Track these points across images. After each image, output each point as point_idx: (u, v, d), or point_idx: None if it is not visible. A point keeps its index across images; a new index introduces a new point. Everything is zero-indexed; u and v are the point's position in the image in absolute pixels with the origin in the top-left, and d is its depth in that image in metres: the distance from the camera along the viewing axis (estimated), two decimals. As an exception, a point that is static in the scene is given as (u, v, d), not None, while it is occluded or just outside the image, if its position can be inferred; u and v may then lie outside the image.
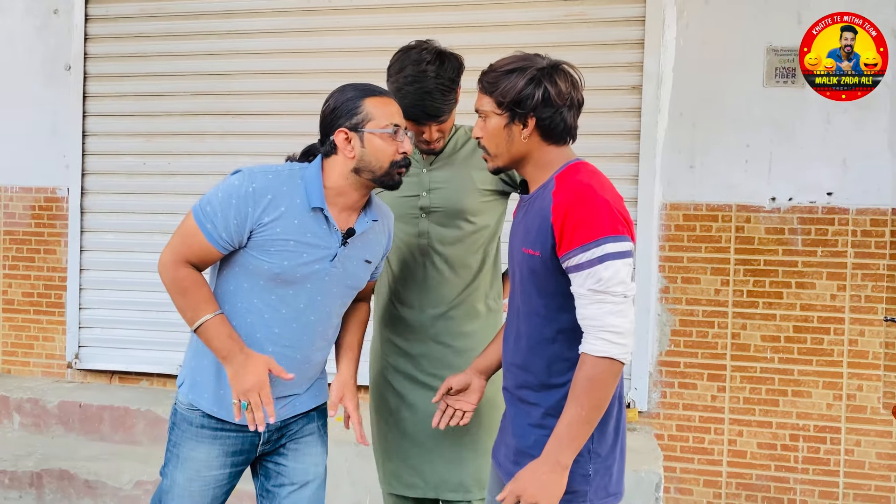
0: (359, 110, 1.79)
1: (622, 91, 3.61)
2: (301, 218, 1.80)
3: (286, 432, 1.97)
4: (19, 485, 3.52)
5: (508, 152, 1.65)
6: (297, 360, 1.89)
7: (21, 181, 4.39)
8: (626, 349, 1.51)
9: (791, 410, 3.48)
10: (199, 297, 1.80)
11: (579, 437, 1.51)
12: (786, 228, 3.49)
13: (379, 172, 1.80)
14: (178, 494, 1.91)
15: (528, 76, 1.59)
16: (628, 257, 1.53)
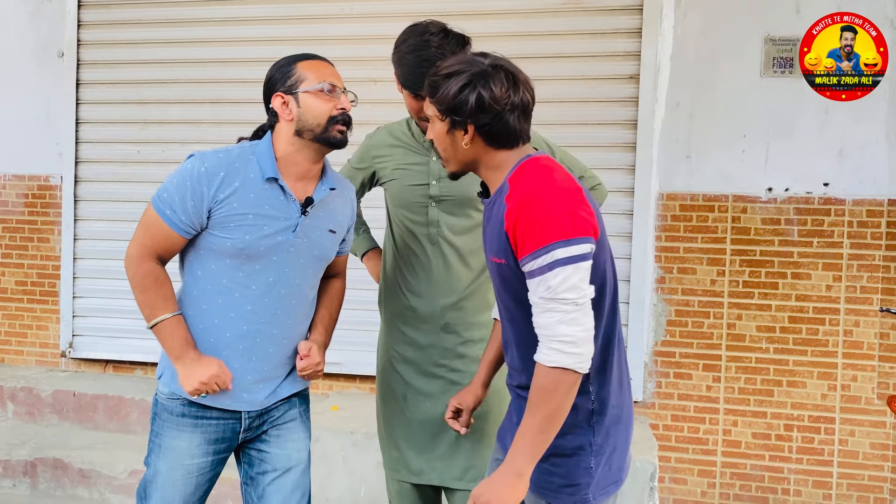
0: (292, 73, 1.85)
1: (619, 80, 3.60)
2: (257, 191, 1.82)
3: (267, 419, 1.97)
4: (13, 473, 3.52)
5: (456, 157, 1.61)
6: (274, 336, 1.90)
7: (14, 169, 4.36)
8: (580, 358, 1.46)
9: (786, 401, 3.49)
10: (159, 296, 1.82)
11: (536, 447, 1.48)
12: (782, 219, 3.49)
13: (318, 130, 1.83)
14: (161, 484, 1.90)
15: (462, 81, 1.52)
16: (582, 261, 1.46)
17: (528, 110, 1.57)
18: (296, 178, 1.87)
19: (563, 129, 3.62)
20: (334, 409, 3.59)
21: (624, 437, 1.67)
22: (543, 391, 1.47)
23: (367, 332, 3.75)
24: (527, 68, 3.84)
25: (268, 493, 1.96)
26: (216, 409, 1.89)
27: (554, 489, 1.61)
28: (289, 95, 1.85)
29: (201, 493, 1.96)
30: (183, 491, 1.91)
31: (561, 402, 1.47)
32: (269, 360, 1.91)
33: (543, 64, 3.65)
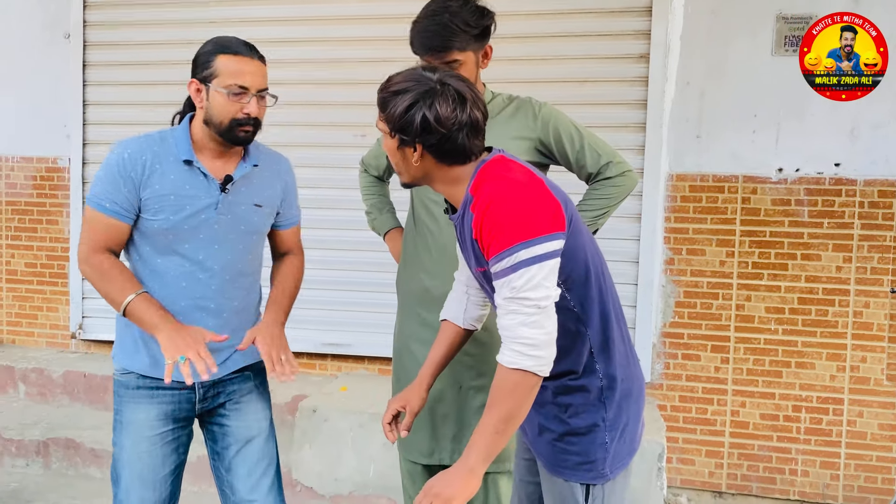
0: (210, 64, 1.86)
1: (629, 60, 3.56)
2: (176, 173, 1.88)
3: (223, 391, 2.02)
4: (26, 453, 3.56)
5: (408, 172, 1.59)
6: (212, 310, 1.95)
7: (22, 151, 4.37)
8: (540, 361, 1.45)
9: (794, 381, 3.48)
10: (122, 280, 1.86)
11: (491, 446, 1.49)
12: (792, 199, 3.46)
13: (221, 128, 1.86)
14: (128, 459, 1.95)
15: (408, 101, 1.49)
16: (546, 259, 1.45)
17: (477, 127, 1.53)
18: (215, 156, 1.93)
19: (571, 110, 3.54)
20: (343, 389, 3.61)
21: (636, 409, 1.69)
22: (502, 392, 1.47)
23: (375, 314, 3.76)
24: (535, 47, 3.82)
25: (234, 465, 2.02)
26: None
27: (571, 467, 1.63)
28: (202, 84, 1.88)
29: (172, 467, 1.99)
30: (150, 463, 1.95)
31: (519, 403, 1.48)
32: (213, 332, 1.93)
33: (552, 43, 3.62)
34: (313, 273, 3.87)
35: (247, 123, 1.87)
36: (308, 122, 3.91)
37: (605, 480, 1.63)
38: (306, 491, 3.28)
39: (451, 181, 1.58)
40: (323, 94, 3.86)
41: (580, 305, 1.60)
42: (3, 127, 4.37)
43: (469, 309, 1.84)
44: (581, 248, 1.57)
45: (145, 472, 1.95)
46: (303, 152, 3.85)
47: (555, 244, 1.47)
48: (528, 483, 1.84)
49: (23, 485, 3.36)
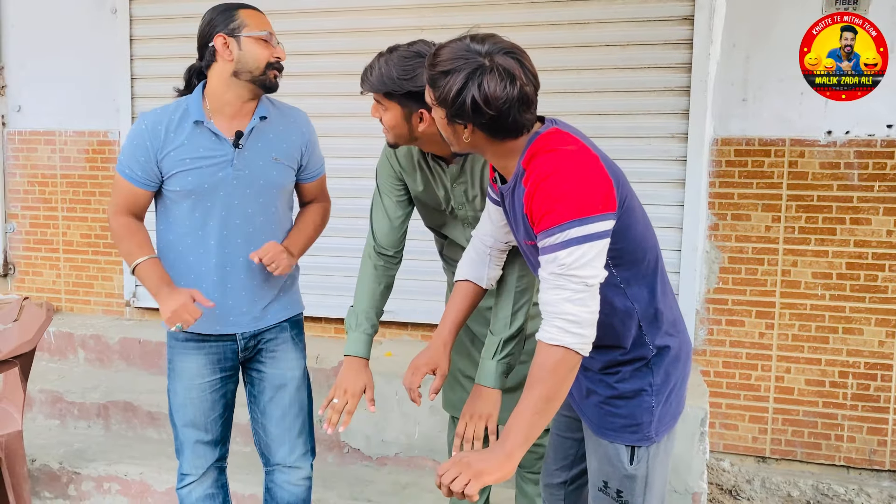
0: (235, 18, 2.02)
1: (672, 22, 3.50)
2: (189, 137, 2.03)
3: (261, 340, 2.21)
4: (87, 415, 3.72)
5: (459, 145, 1.57)
6: (242, 263, 2.11)
7: (74, 125, 4.49)
8: (582, 339, 1.43)
9: (841, 347, 3.44)
10: (135, 243, 2.07)
11: (531, 430, 1.44)
12: (841, 163, 3.39)
13: (256, 73, 2.01)
14: (181, 403, 2.18)
15: (458, 85, 1.44)
16: (597, 239, 1.42)
17: (528, 101, 1.48)
18: (230, 117, 2.05)
19: (615, 73, 3.56)
20: (388, 354, 3.68)
21: (682, 373, 1.71)
22: (543, 370, 1.44)
23: (418, 282, 3.81)
24: (578, 12, 3.76)
25: (268, 409, 2.23)
26: (213, 334, 2.15)
27: (616, 429, 1.66)
28: (231, 38, 2.00)
29: (220, 411, 2.22)
30: (201, 407, 2.17)
31: (560, 382, 1.44)
32: (244, 285, 2.14)
33: (594, 7, 3.57)
34: (359, 241, 3.94)
35: (278, 68, 2.04)
36: (348, 93, 3.93)
37: (651, 443, 1.65)
38: (354, 452, 3.38)
39: (503, 154, 1.56)
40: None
41: (628, 283, 1.60)
42: (56, 102, 4.50)
43: (491, 269, 1.88)
44: (633, 226, 1.57)
45: (197, 416, 2.18)
46: (345, 122, 3.89)
47: (606, 224, 1.44)
48: (565, 438, 1.88)
49: (86, 445, 3.52)
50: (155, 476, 3.21)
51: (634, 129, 3.56)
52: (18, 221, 4.66)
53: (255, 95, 2.07)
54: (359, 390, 2.01)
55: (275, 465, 2.29)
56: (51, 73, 4.48)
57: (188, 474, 2.23)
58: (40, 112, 4.55)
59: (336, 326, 4.15)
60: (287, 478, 2.29)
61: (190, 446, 2.21)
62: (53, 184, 4.57)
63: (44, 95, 4.53)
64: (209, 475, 2.24)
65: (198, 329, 2.11)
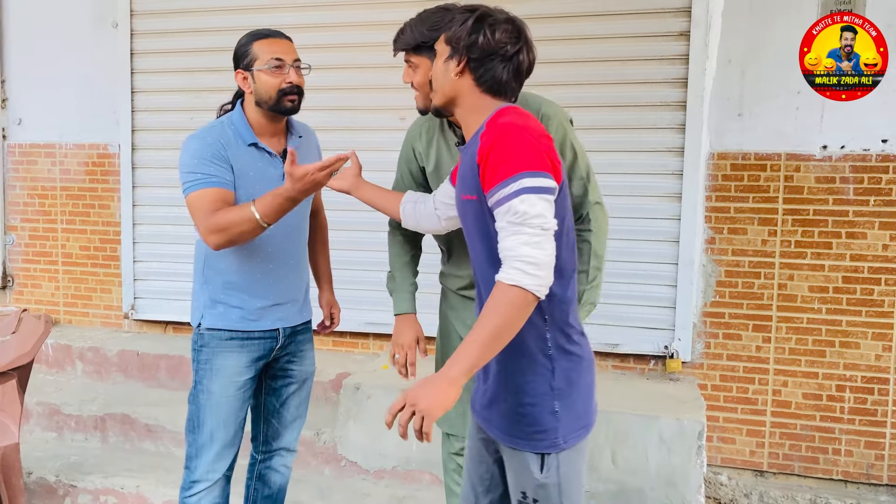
0: (248, 53, 2.16)
1: (669, 38, 3.53)
2: (247, 155, 2.16)
3: (294, 339, 2.36)
4: (85, 428, 3.72)
5: (442, 90, 1.70)
6: (291, 265, 2.30)
7: (74, 138, 4.52)
8: (539, 280, 1.48)
9: (838, 361, 3.45)
10: (238, 212, 2.03)
11: (474, 358, 1.49)
12: (837, 177, 3.41)
13: (271, 102, 2.15)
14: (216, 403, 2.22)
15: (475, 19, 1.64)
16: (547, 193, 1.52)
17: (520, 70, 1.66)
18: (270, 136, 2.23)
19: (612, 88, 3.58)
20: (385, 367, 3.68)
21: (587, 381, 1.72)
22: (496, 305, 1.49)
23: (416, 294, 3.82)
24: (575, 28, 3.80)
25: (290, 400, 2.40)
26: (258, 331, 2.25)
27: (524, 437, 1.66)
28: (246, 72, 2.17)
29: (244, 410, 2.30)
30: (234, 406, 2.24)
31: (511, 318, 1.48)
32: (292, 283, 2.32)
33: (591, 23, 3.60)
34: (357, 254, 3.97)
35: (291, 92, 2.15)
36: (347, 106, 3.96)
37: (559, 450, 1.65)
38: (351, 465, 3.38)
39: (476, 109, 1.67)
40: (361, 77, 3.91)
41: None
42: (56, 115, 4.53)
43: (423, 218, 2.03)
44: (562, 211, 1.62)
45: (229, 416, 2.24)
46: (343, 136, 3.91)
47: (553, 183, 1.54)
48: (479, 463, 1.84)
49: (83, 458, 3.51)
50: (152, 489, 3.20)
51: (631, 144, 3.58)
52: (18, 233, 4.67)
53: (280, 119, 2.23)
54: (412, 341, 2.24)
55: (276, 450, 2.44)
56: (52, 86, 4.51)
57: (200, 481, 2.24)
58: (41, 125, 4.58)
59: (334, 339, 4.15)
60: (284, 461, 2.46)
61: (215, 450, 2.23)
62: (53, 196, 4.59)
63: (44, 108, 4.56)
64: (219, 484, 2.28)
65: (249, 327, 2.23)
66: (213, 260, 2.23)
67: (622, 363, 3.74)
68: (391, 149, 2.75)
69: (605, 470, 3.11)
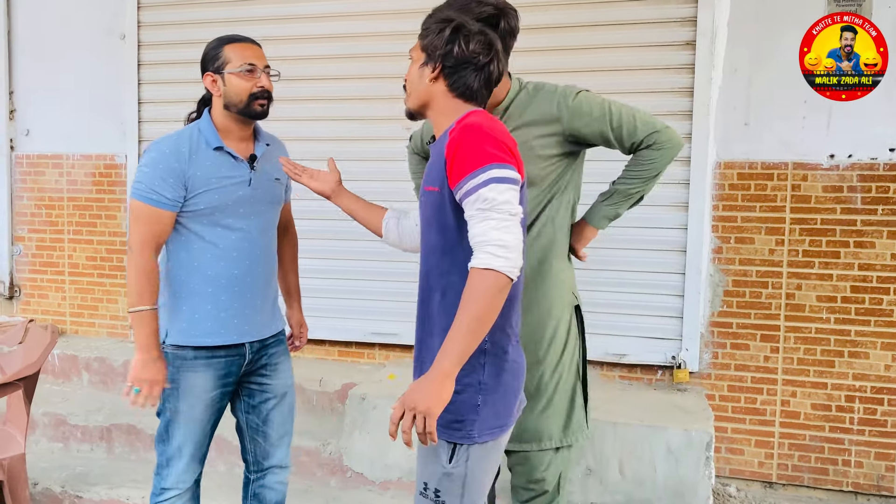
0: (219, 56, 2.18)
1: (675, 47, 3.53)
2: (211, 159, 2.15)
3: (265, 353, 2.32)
4: (90, 438, 3.72)
5: (417, 93, 1.77)
6: (260, 273, 2.26)
7: (81, 149, 4.54)
8: (510, 263, 1.53)
9: (847, 371, 3.42)
10: (150, 288, 2.12)
11: (463, 348, 1.53)
12: (844, 186, 3.39)
13: (241, 105, 2.16)
14: (183, 421, 2.21)
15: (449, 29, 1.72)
16: (513, 184, 1.59)
17: (490, 79, 1.75)
18: (237, 140, 2.22)
19: (617, 98, 3.57)
20: (391, 377, 3.67)
21: (515, 385, 1.76)
22: (474, 292, 1.53)
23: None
24: (579, 36, 3.82)
25: (271, 417, 2.36)
26: (223, 346, 2.21)
27: (444, 424, 1.69)
28: (216, 75, 2.18)
29: (213, 423, 2.30)
30: (202, 422, 2.24)
31: (490, 302, 1.53)
32: (260, 294, 2.28)
33: (597, 32, 3.61)
34: (361, 264, 3.97)
35: (262, 97, 2.17)
36: (354, 117, 3.97)
37: (472, 442, 1.69)
38: (356, 476, 3.36)
39: (448, 111, 1.74)
40: (367, 88, 3.92)
41: None
42: (64, 126, 4.55)
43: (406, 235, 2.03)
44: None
45: (197, 431, 2.23)
46: (348, 146, 3.92)
47: (517, 175, 1.61)
48: None
49: (88, 468, 3.51)
50: (157, 500, 3.19)
51: (637, 153, 3.57)
52: (25, 244, 4.69)
53: (249, 123, 2.24)
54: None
55: (269, 468, 2.41)
56: (59, 98, 4.54)
57: (171, 489, 2.26)
58: (48, 136, 4.60)
59: (339, 349, 4.15)
60: (279, 478, 2.43)
61: (184, 462, 2.24)
62: (60, 207, 4.61)
63: (52, 119, 4.58)
64: (190, 490, 2.30)
65: (214, 341, 2.19)
66: (175, 270, 2.21)
67: (629, 373, 3.73)
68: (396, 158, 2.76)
69: (612, 481, 3.09)
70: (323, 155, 2.48)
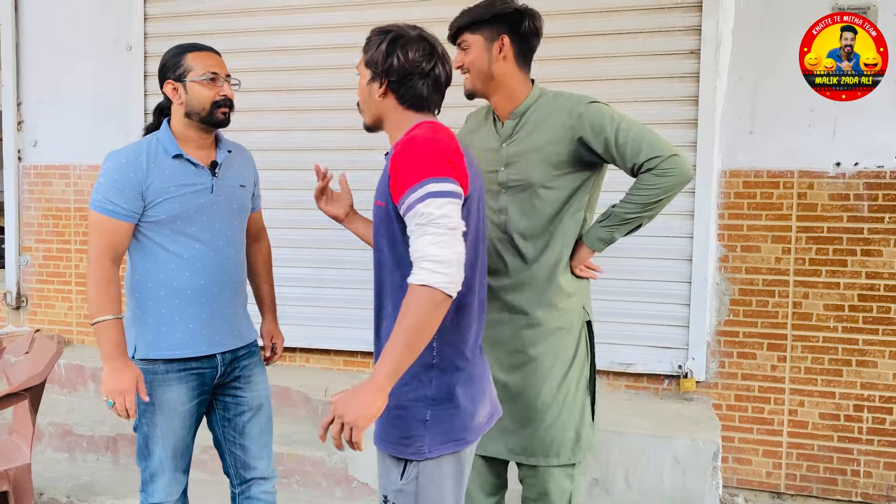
0: (181, 64, 2.14)
1: (679, 55, 3.54)
2: (170, 168, 2.13)
3: (237, 365, 2.29)
4: (96, 448, 3.72)
5: (370, 110, 1.76)
6: (227, 282, 2.23)
7: (88, 160, 4.56)
8: (447, 279, 1.50)
9: (855, 380, 3.40)
10: (109, 297, 2.08)
11: (399, 363, 1.52)
12: (851, 194, 3.38)
13: (203, 114, 2.14)
14: (162, 434, 2.18)
15: (387, 41, 1.70)
16: (452, 197, 1.55)
17: (438, 82, 1.72)
18: (197, 148, 2.19)
19: (622, 107, 3.53)
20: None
21: (469, 396, 1.71)
22: (409, 307, 1.51)
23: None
24: (585, 45, 3.82)
25: (248, 429, 2.33)
26: (194, 358, 2.18)
27: (394, 441, 1.67)
28: (178, 83, 2.14)
29: (193, 432, 2.28)
30: (181, 435, 2.22)
31: (425, 318, 1.51)
32: (228, 304, 2.24)
33: (602, 41, 3.61)
34: (367, 274, 3.94)
35: (224, 105, 2.15)
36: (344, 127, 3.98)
37: (423, 458, 1.65)
38: (362, 486, 3.35)
39: (399, 125, 1.73)
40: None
41: None
42: (71, 137, 4.58)
43: None
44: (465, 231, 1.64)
45: (178, 444, 2.21)
46: (345, 155, 3.93)
47: (458, 189, 1.58)
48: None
49: (94, 478, 3.51)
50: (162, 510, 3.19)
51: (642, 162, 3.57)
52: (32, 254, 4.71)
53: (210, 131, 2.21)
54: None
55: (252, 480, 2.37)
56: (66, 109, 4.57)
57: (162, 502, 2.24)
58: (55, 147, 4.63)
59: (345, 359, 4.15)
60: (264, 488, 2.40)
61: (169, 475, 2.22)
62: (67, 217, 4.63)
63: (59, 130, 4.61)
64: (179, 500, 2.28)
65: (184, 353, 2.16)
66: (141, 282, 2.17)
67: (635, 383, 3.71)
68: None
69: (618, 491, 3.07)
70: (335, 166, 2.48)
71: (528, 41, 2.12)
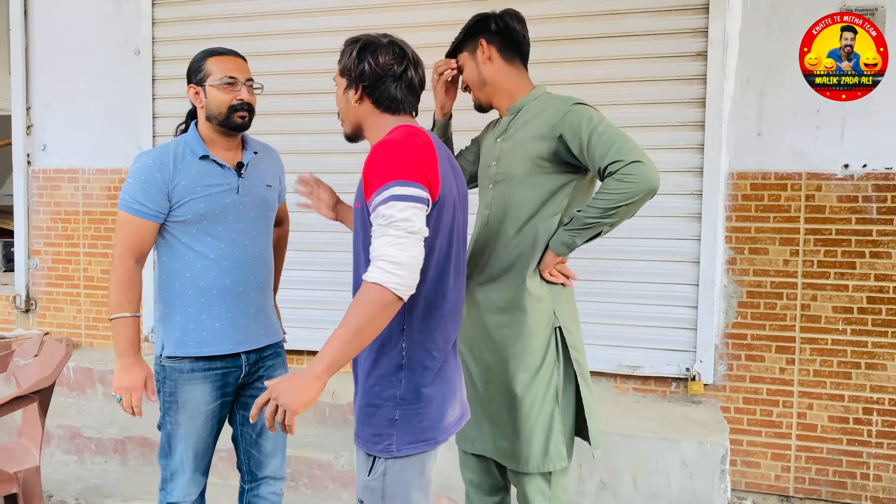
0: (202, 68, 2.19)
1: (686, 58, 3.53)
2: (197, 168, 2.17)
3: (262, 365, 2.31)
4: (105, 451, 3.73)
5: (348, 118, 1.80)
6: (252, 282, 2.25)
7: (96, 163, 4.58)
8: (399, 280, 1.52)
9: (864, 383, 3.38)
10: (129, 296, 2.14)
11: (338, 356, 1.55)
12: (859, 196, 3.37)
13: (221, 118, 2.18)
14: (185, 434, 2.21)
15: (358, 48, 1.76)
16: (415, 202, 1.57)
17: (412, 85, 1.77)
18: (223, 149, 2.23)
19: (629, 109, 3.58)
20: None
21: (442, 397, 1.73)
22: (358, 303, 1.54)
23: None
24: (592, 48, 3.82)
25: (266, 430, 2.33)
26: (220, 357, 2.20)
27: (366, 438, 1.71)
28: (199, 87, 2.19)
29: (215, 434, 2.30)
30: (203, 435, 2.23)
31: (371, 316, 1.53)
32: (254, 302, 2.26)
33: (610, 43, 3.61)
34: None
35: (241, 109, 2.18)
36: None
37: (390, 456, 1.68)
38: (369, 490, 3.35)
39: (377, 129, 1.76)
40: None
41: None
42: (80, 141, 4.60)
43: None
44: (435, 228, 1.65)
45: (199, 444, 2.23)
46: (351, 158, 3.93)
47: (424, 193, 1.59)
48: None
49: (102, 481, 3.52)
50: (170, 513, 3.20)
51: (649, 164, 3.57)
52: (41, 257, 4.74)
53: (232, 134, 2.24)
54: None
55: (263, 479, 2.39)
56: (75, 113, 4.60)
57: (177, 503, 2.26)
58: (64, 150, 4.65)
59: (351, 361, 4.14)
60: (273, 489, 2.42)
61: (188, 475, 2.24)
62: (76, 220, 4.65)
63: (68, 134, 4.64)
64: (196, 502, 2.30)
65: (210, 351, 2.19)
66: (168, 281, 2.20)
67: (643, 385, 3.70)
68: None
69: (625, 494, 3.06)
70: (341, 169, 2.49)
71: (507, 35, 2.15)
